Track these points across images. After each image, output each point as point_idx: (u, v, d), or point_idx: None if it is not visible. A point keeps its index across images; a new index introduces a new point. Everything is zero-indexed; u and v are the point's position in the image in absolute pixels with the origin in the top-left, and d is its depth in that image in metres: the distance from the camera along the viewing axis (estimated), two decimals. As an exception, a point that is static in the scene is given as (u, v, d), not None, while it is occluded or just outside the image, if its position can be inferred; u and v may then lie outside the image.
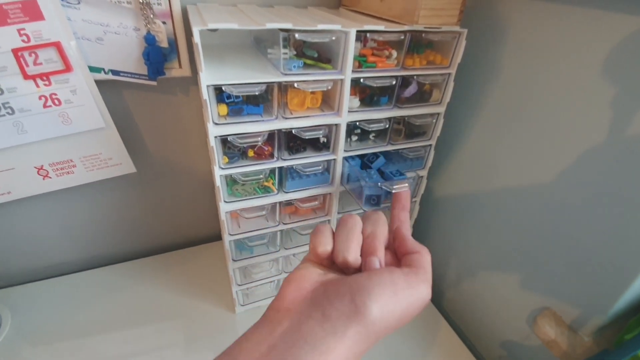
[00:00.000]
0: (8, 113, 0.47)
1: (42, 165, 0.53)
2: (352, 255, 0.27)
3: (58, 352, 0.55)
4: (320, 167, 0.50)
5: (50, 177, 0.54)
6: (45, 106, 0.48)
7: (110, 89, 0.53)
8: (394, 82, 0.48)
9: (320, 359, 0.20)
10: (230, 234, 0.51)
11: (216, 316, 0.62)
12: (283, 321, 0.23)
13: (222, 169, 0.45)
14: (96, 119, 0.52)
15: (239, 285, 0.58)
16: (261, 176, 0.47)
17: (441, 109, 0.53)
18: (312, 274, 0.26)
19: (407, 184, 0.44)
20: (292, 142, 0.49)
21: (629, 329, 0.39)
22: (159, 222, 0.72)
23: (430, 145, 0.56)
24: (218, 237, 0.79)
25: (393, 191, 0.32)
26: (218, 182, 0.45)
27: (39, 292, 0.65)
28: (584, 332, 0.44)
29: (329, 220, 0.58)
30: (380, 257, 0.27)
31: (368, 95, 0.49)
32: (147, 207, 0.69)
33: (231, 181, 0.48)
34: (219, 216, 0.75)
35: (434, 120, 0.54)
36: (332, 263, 0.28)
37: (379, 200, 0.49)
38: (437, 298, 0.68)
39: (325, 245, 0.27)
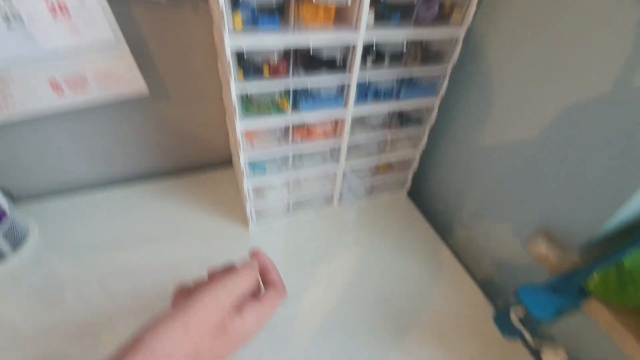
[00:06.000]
0: (17, 22, 0.46)
1: (55, 79, 0.53)
2: None
3: (82, 262, 0.60)
4: (334, 89, 0.50)
5: (64, 94, 0.54)
6: (54, 15, 0.47)
7: (119, 2, 0.51)
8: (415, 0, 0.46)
9: None
10: (246, 153, 0.53)
11: (231, 233, 0.66)
12: None
13: (238, 84, 0.45)
14: (104, 29, 0.50)
15: (253, 203, 0.61)
16: (276, 95, 0.47)
17: (461, 32, 0.51)
18: None
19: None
20: (308, 62, 0.48)
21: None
22: (171, 146, 0.74)
23: (446, 72, 0.56)
24: (229, 163, 0.81)
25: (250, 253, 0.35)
26: (234, 98, 0.45)
27: (60, 207, 0.68)
28: (573, 249, 0.48)
29: (339, 147, 0.60)
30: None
31: (381, 9, 0.47)
32: (160, 129, 0.70)
33: (246, 100, 0.49)
34: (229, 141, 0.76)
35: (452, 45, 0.52)
36: None
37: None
38: (441, 227, 0.72)
39: None
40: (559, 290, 0.42)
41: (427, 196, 0.77)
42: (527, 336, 0.44)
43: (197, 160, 0.79)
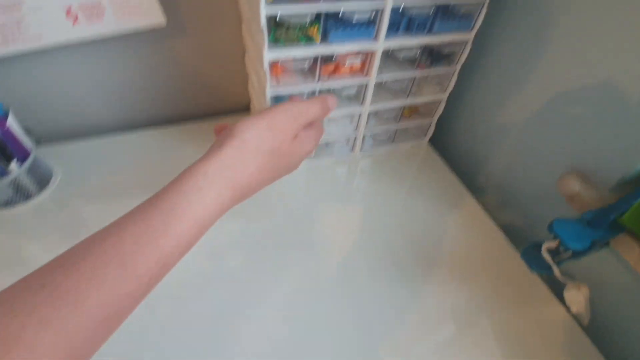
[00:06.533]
0: None
1: (70, 7, 0.50)
2: None
3: (104, 206, 0.60)
4: (367, 14, 0.47)
5: (79, 23, 0.52)
6: None
7: None
8: None
9: (207, 162, 0.28)
10: (271, 88, 0.51)
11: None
12: None
13: (268, 6, 0.42)
14: (122, -50, 0.47)
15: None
16: (307, 19, 0.44)
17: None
18: None
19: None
20: (340, -17, 0.45)
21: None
22: (188, 88, 0.72)
23: (484, 1, 0.52)
24: (247, 110, 0.80)
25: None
26: (263, 21, 0.43)
27: (81, 150, 0.68)
28: (605, 187, 0.47)
29: (366, 85, 0.57)
30: None
31: None
32: (176, 69, 0.67)
33: (274, 26, 0.46)
34: (248, 86, 0.74)
35: (495, -33, 0.48)
36: None
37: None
38: (464, 175, 0.71)
39: (221, 122, 0.36)
40: (593, 223, 0.42)
41: (449, 143, 0.76)
42: (556, 270, 0.44)
43: (214, 106, 0.77)
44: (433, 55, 0.58)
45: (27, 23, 0.49)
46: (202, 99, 0.75)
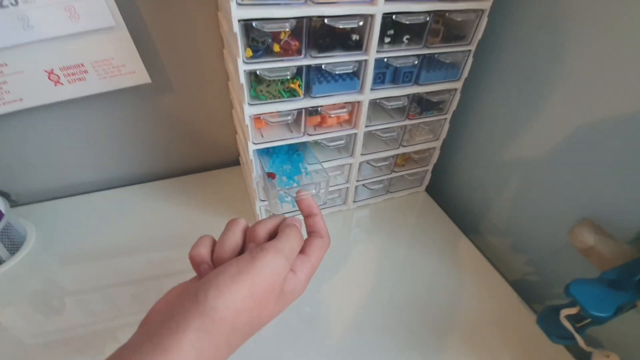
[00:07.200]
0: (12, 4, 0.43)
1: (52, 70, 0.50)
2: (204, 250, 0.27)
3: (83, 268, 0.56)
4: (350, 67, 0.46)
5: (62, 84, 0.51)
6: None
7: (118, -17, 0.48)
8: (437, -34, 0.42)
9: (162, 356, 0.20)
10: (254, 143, 0.49)
11: (239, 234, 0.61)
12: (138, 331, 0.23)
13: (246, 63, 0.41)
14: (105, 15, 0.47)
15: (262, 200, 0.57)
16: (287, 74, 0.43)
17: (486, 4, 0.47)
18: (187, 283, 0.27)
19: (309, 192, 0.38)
20: (322, 39, 0.44)
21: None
22: (175, 142, 0.70)
23: (470, 50, 0.51)
24: (236, 163, 0.78)
25: (296, 199, 0.32)
26: (242, 77, 0.41)
27: (61, 209, 0.65)
28: (623, 240, 0.43)
29: (355, 137, 0.55)
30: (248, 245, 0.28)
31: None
32: (163, 124, 0.66)
33: (255, 81, 0.45)
34: (237, 139, 0.73)
35: (477, 19, 0.48)
36: None
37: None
38: (466, 225, 0.67)
39: (198, 247, 0.28)
40: (617, 284, 0.37)
41: (448, 192, 0.72)
42: (580, 340, 0.38)
43: (203, 161, 0.76)
44: (422, 104, 0.57)
45: (8, 87, 0.49)
46: (190, 153, 0.73)
